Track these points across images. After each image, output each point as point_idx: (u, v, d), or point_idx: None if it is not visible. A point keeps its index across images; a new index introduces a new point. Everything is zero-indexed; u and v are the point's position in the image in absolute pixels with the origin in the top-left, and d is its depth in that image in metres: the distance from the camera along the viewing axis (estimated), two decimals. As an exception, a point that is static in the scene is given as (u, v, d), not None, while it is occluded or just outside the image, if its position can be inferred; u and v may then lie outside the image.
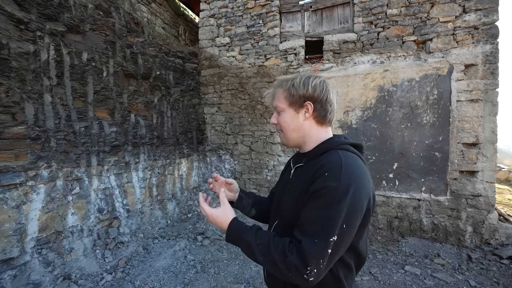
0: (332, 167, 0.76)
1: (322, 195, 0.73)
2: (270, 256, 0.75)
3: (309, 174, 0.82)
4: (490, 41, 3.31)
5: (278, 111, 0.97)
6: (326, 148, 0.87)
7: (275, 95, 0.97)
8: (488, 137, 3.36)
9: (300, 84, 0.93)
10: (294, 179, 0.93)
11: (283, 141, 1.00)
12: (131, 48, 3.69)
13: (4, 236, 2.23)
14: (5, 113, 2.30)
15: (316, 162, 0.84)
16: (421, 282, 2.69)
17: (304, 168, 0.90)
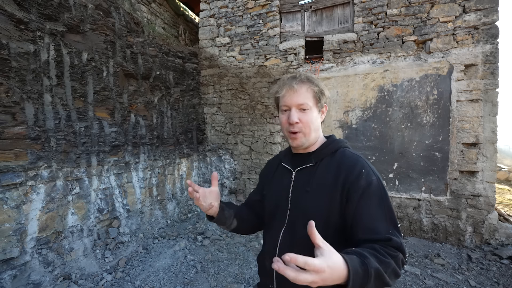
0: (363, 164, 0.84)
1: (375, 191, 0.79)
2: (391, 268, 0.68)
3: (338, 175, 0.84)
4: (490, 41, 3.31)
5: (303, 108, 0.88)
6: (336, 147, 0.93)
7: (300, 91, 0.88)
8: (488, 137, 3.36)
9: (320, 84, 0.94)
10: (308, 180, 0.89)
11: (301, 142, 0.90)
12: (131, 48, 3.69)
13: (4, 236, 2.23)
14: (5, 113, 2.30)
15: (336, 161, 0.88)
16: (421, 282, 2.69)
17: (317, 167, 0.90)
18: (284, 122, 0.92)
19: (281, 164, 1.03)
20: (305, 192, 0.88)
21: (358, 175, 0.81)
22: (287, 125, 0.90)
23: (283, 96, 0.90)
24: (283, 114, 0.92)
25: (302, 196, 0.89)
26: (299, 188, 0.91)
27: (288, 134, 0.92)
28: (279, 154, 1.11)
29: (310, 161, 0.92)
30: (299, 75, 0.93)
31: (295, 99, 0.88)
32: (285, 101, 0.90)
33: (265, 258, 0.98)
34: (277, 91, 0.94)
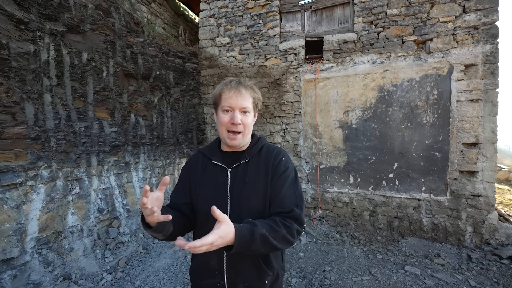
0: (283, 154, 1.05)
1: (289, 174, 1.01)
2: (280, 235, 0.86)
3: (267, 164, 1.01)
4: (490, 41, 3.31)
5: (245, 111, 0.99)
6: (262, 144, 1.08)
7: (245, 95, 0.98)
8: (488, 137, 3.36)
9: (259, 92, 1.06)
10: (245, 174, 0.99)
11: (239, 142, 1.00)
12: (131, 48, 3.69)
13: (4, 236, 2.23)
14: (5, 113, 2.30)
15: (263, 155, 1.04)
16: (421, 282, 2.69)
17: (250, 163, 1.02)
18: (226, 121, 0.97)
19: (210, 162, 1.05)
20: (244, 184, 0.98)
21: (279, 161, 1.02)
22: (228, 124, 0.97)
23: (229, 97, 0.96)
24: (225, 114, 0.98)
25: (242, 189, 0.98)
26: (237, 182, 0.99)
27: (227, 134, 0.99)
28: (202, 151, 1.12)
29: (244, 158, 1.02)
30: (243, 80, 1.01)
31: (240, 102, 0.97)
32: (230, 103, 0.96)
33: (209, 258, 0.99)
34: (222, 91, 0.99)
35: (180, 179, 1.10)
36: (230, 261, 0.97)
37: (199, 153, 1.12)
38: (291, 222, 0.90)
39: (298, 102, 4.43)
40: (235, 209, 0.97)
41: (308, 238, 3.71)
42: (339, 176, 4.19)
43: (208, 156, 1.07)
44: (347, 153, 4.12)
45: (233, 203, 0.97)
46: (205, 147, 1.14)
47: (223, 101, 0.98)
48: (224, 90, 0.98)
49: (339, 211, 4.18)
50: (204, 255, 0.96)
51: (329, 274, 2.84)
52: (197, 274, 1.05)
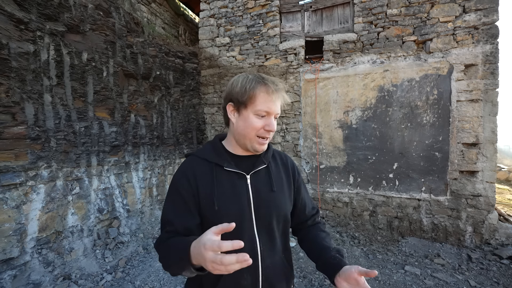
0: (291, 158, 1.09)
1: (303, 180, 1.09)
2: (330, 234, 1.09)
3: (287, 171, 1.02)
4: (490, 41, 3.31)
5: (275, 117, 0.89)
6: (272, 147, 1.03)
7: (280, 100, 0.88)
8: (488, 137, 3.36)
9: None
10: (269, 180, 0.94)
11: (265, 147, 0.92)
12: (131, 48, 3.69)
13: (4, 236, 2.23)
14: (5, 113, 2.30)
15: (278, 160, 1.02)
16: (421, 282, 2.69)
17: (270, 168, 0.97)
18: (259, 126, 0.85)
19: (221, 169, 0.89)
20: (272, 192, 0.92)
21: (295, 167, 1.06)
22: (261, 130, 0.86)
23: (270, 101, 0.84)
24: (259, 119, 0.85)
25: (271, 197, 0.91)
26: (262, 190, 0.90)
27: (256, 139, 0.87)
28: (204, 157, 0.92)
29: (261, 162, 0.94)
30: (279, 81, 0.88)
31: (278, 107, 0.87)
32: (269, 107, 0.84)
33: (241, 277, 0.85)
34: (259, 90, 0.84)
35: (181, 196, 0.86)
36: (266, 276, 0.88)
37: (200, 160, 0.92)
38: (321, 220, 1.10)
39: (298, 102, 4.43)
40: (262, 219, 0.89)
41: (308, 238, 3.71)
42: (339, 176, 4.19)
43: (216, 162, 0.90)
44: (347, 153, 4.12)
45: (260, 213, 0.88)
46: (205, 152, 0.94)
47: (260, 104, 0.83)
48: (262, 90, 0.83)
49: (339, 211, 4.18)
50: (233, 280, 0.85)
51: (329, 274, 2.84)
52: None
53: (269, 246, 0.90)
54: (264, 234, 0.89)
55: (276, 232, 0.93)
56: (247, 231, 0.86)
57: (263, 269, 0.87)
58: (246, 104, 0.85)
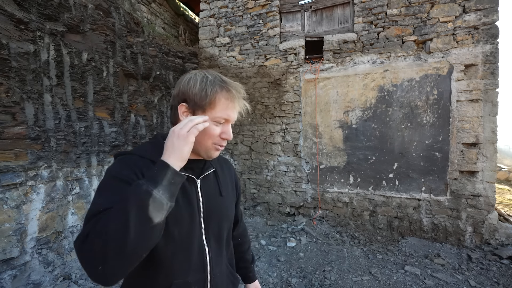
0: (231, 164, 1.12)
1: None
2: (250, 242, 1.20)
3: (231, 175, 1.02)
4: (490, 41, 3.31)
5: (232, 123, 0.83)
6: None
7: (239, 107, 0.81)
8: (488, 137, 3.36)
9: None
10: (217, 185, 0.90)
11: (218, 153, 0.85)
12: (131, 48, 3.69)
13: (4, 236, 2.23)
14: (5, 113, 2.30)
15: (222, 164, 1.01)
16: (421, 282, 2.69)
17: (216, 172, 0.93)
18: (216, 134, 0.78)
19: None
20: (221, 197, 0.90)
21: (236, 174, 1.08)
22: (218, 138, 0.78)
23: (232, 108, 0.78)
24: (216, 126, 0.77)
25: (218, 202, 0.88)
26: (211, 195, 0.86)
27: (213, 146, 0.79)
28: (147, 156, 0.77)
29: (209, 166, 0.90)
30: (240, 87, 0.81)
31: (236, 115, 0.81)
32: (228, 115, 0.77)
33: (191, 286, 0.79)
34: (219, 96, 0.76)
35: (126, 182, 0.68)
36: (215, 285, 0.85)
37: (141, 159, 0.77)
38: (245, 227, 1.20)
39: (298, 102, 4.43)
40: (211, 226, 0.85)
41: (308, 238, 3.71)
42: (339, 176, 4.19)
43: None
44: (347, 153, 4.12)
45: (209, 220, 0.84)
46: (146, 150, 0.80)
47: (221, 111, 0.76)
48: (225, 96, 0.76)
49: (339, 211, 4.19)
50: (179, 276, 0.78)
51: (329, 274, 2.85)
52: None
53: (218, 253, 0.87)
54: (213, 242, 0.86)
55: (223, 238, 0.91)
56: (196, 239, 0.80)
57: (211, 279, 0.83)
58: (204, 109, 0.76)
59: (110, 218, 0.57)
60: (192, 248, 0.79)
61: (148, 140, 0.94)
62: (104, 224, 0.57)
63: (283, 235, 3.79)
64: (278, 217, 4.44)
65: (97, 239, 0.56)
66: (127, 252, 0.55)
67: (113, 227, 0.55)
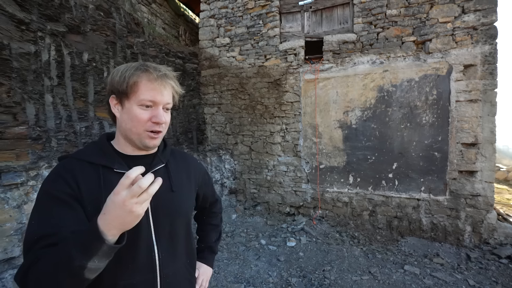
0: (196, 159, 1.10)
1: (205, 172, 1.12)
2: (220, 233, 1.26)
3: (189, 172, 0.98)
4: (489, 42, 3.32)
5: (167, 108, 0.80)
6: (170, 146, 0.98)
7: (168, 87, 0.78)
8: (487, 137, 3.37)
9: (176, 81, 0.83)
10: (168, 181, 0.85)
11: (159, 142, 0.81)
12: (132, 49, 3.71)
13: (5, 236, 2.24)
14: (6, 113, 2.30)
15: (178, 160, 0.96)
16: (420, 282, 2.71)
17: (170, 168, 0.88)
18: (145, 119, 0.74)
19: (109, 171, 0.76)
20: (172, 192, 0.84)
21: (200, 166, 1.07)
22: (148, 123, 0.75)
23: (154, 89, 0.74)
24: (144, 110, 0.74)
25: (168, 198, 0.83)
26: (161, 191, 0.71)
27: (146, 133, 0.76)
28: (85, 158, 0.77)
29: (159, 162, 0.86)
30: (165, 68, 0.78)
31: (165, 97, 0.76)
32: (153, 97, 0.74)
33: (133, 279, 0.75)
34: (139, 77, 0.73)
35: (60, 201, 0.68)
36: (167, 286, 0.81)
37: (78, 162, 0.76)
38: (220, 209, 1.24)
39: (298, 102, 4.45)
40: (161, 223, 0.80)
41: (308, 237, 3.73)
42: (339, 176, 4.20)
43: (102, 163, 0.76)
44: (347, 153, 4.13)
45: (158, 217, 0.80)
46: (86, 152, 0.80)
47: (143, 93, 0.73)
48: (143, 77, 0.73)
49: (339, 211, 4.20)
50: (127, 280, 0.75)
51: (328, 273, 2.86)
52: None
53: (170, 252, 0.83)
54: (164, 240, 0.81)
55: (179, 235, 0.86)
56: (144, 239, 0.76)
57: (162, 279, 0.79)
58: (128, 94, 0.74)
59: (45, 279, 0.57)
60: (138, 248, 0.75)
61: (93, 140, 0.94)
62: (39, 281, 0.57)
63: (283, 235, 3.80)
64: (278, 217, 4.45)
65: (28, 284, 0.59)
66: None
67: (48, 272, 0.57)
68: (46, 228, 0.64)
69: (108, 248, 0.56)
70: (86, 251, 0.55)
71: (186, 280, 0.90)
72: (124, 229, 0.58)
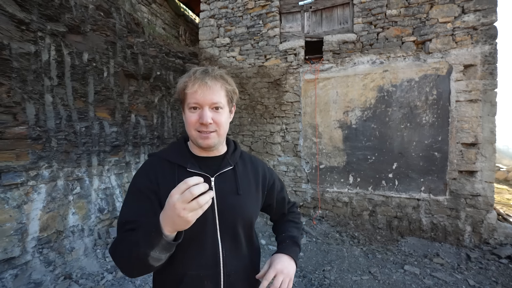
0: (265, 163, 1.07)
1: (277, 178, 1.09)
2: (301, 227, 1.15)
3: (257, 175, 0.97)
4: (489, 42, 3.32)
5: (217, 107, 0.81)
6: (240, 150, 0.99)
7: (214, 88, 0.80)
8: (487, 137, 3.37)
9: (233, 83, 0.87)
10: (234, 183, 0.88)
11: (213, 141, 0.83)
12: (132, 49, 3.71)
13: (6, 236, 2.24)
14: (6, 113, 2.31)
15: (247, 163, 0.98)
16: (420, 282, 2.71)
17: (238, 171, 0.91)
18: (193, 121, 0.80)
19: (184, 170, 0.83)
20: (237, 195, 0.87)
21: (269, 171, 1.04)
22: (197, 125, 0.80)
23: (194, 92, 0.78)
24: (192, 113, 0.80)
25: (235, 201, 0.86)
26: (227, 193, 0.86)
27: (197, 134, 0.81)
28: (164, 157, 0.88)
29: (227, 164, 0.89)
30: (211, 69, 0.83)
31: (208, 96, 0.79)
32: (196, 98, 0.79)
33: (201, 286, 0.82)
34: (185, 85, 0.80)
35: (142, 194, 0.81)
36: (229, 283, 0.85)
37: (160, 160, 0.88)
38: (298, 212, 1.15)
39: (298, 102, 4.45)
40: (226, 224, 0.85)
41: (308, 237, 3.72)
42: (339, 176, 4.20)
43: (178, 163, 0.85)
44: (347, 153, 4.13)
45: (224, 218, 0.84)
46: (167, 152, 0.90)
47: (189, 97, 0.80)
48: (188, 83, 0.80)
49: (339, 211, 4.20)
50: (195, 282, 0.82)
51: (328, 273, 2.86)
52: None
53: (234, 252, 0.86)
54: (228, 240, 0.85)
55: (242, 237, 0.88)
56: (210, 236, 0.82)
57: (225, 276, 0.84)
58: (182, 101, 0.84)
59: (124, 245, 0.71)
60: (205, 244, 0.82)
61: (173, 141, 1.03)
62: (123, 245, 0.72)
63: (283, 235, 3.80)
64: (278, 217, 4.45)
65: (117, 260, 0.73)
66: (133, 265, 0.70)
67: (124, 251, 0.70)
68: (129, 215, 0.78)
69: (166, 243, 0.64)
70: (149, 241, 0.63)
71: (248, 279, 0.90)
72: (176, 229, 0.64)
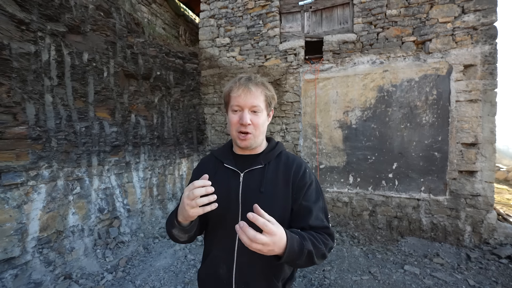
0: (305, 165, 0.99)
1: (315, 187, 0.96)
2: (321, 253, 0.83)
3: (287, 175, 0.94)
4: (489, 42, 3.32)
5: (255, 110, 0.91)
6: (279, 150, 1.02)
7: (255, 93, 0.90)
8: (487, 137, 3.37)
9: (272, 90, 0.98)
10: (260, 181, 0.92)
11: (250, 143, 0.92)
12: (132, 49, 3.71)
13: (6, 236, 2.24)
14: (6, 113, 2.31)
15: (282, 163, 0.97)
16: (420, 282, 2.71)
17: (267, 169, 0.95)
18: (235, 122, 0.91)
19: (222, 165, 0.99)
20: (260, 193, 0.91)
21: (303, 173, 0.95)
22: (237, 125, 0.91)
23: (238, 96, 0.90)
24: (234, 114, 0.92)
25: (256, 198, 0.88)
26: (251, 189, 0.92)
27: (237, 134, 0.92)
28: (214, 153, 1.07)
29: (258, 162, 0.96)
30: (254, 77, 0.94)
31: (249, 100, 0.90)
32: (238, 101, 0.90)
33: (218, 266, 0.93)
34: (231, 89, 0.93)
35: (192, 180, 1.01)
36: (240, 271, 0.91)
37: (211, 155, 1.08)
38: (328, 239, 0.88)
39: (298, 102, 4.45)
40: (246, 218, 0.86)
41: (308, 237, 3.72)
42: (339, 176, 4.20)
43: (220, 159, 1.01)
44: (347, 153, 4.13)
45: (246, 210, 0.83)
46: (218, 149, 1.07)
47: (232, 100, 0.92)
48: (233, 88, 0.92)
49: (339, 210, 4.20)
50: (213, 263, 0.95)
51: (328, 273, 2.86)
52: (204, 284, 1.00)
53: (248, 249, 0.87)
54: None
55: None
56: (230, 223, 0.87)
57: (237, 264, 0.91)
58: (227, 103, 0.96)
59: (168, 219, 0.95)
60: (228, 230, 0.90)
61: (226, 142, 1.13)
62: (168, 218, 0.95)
63: (283, 235, 3.80)
64: (278, 217, 4.45)
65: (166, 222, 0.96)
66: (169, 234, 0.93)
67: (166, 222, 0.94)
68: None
69: (180, 228, 0.86)
70: (171, 223, 0.88)
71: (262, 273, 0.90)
72: (186, 219, 0.82)
